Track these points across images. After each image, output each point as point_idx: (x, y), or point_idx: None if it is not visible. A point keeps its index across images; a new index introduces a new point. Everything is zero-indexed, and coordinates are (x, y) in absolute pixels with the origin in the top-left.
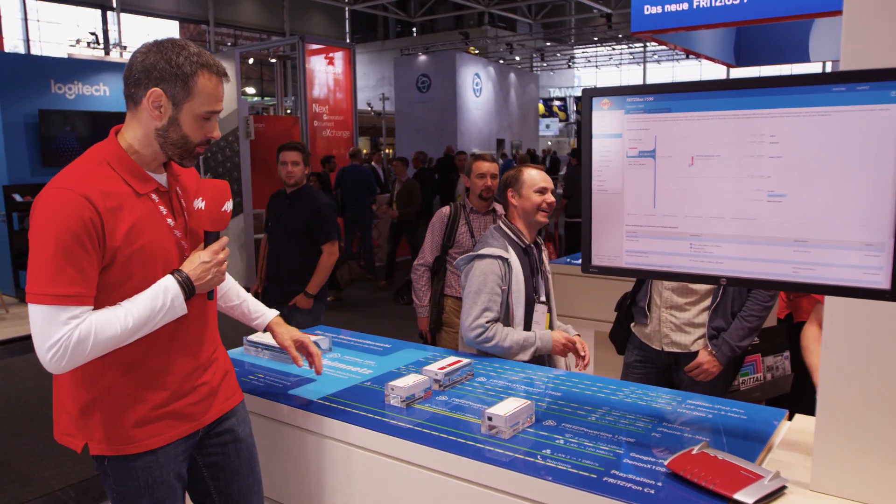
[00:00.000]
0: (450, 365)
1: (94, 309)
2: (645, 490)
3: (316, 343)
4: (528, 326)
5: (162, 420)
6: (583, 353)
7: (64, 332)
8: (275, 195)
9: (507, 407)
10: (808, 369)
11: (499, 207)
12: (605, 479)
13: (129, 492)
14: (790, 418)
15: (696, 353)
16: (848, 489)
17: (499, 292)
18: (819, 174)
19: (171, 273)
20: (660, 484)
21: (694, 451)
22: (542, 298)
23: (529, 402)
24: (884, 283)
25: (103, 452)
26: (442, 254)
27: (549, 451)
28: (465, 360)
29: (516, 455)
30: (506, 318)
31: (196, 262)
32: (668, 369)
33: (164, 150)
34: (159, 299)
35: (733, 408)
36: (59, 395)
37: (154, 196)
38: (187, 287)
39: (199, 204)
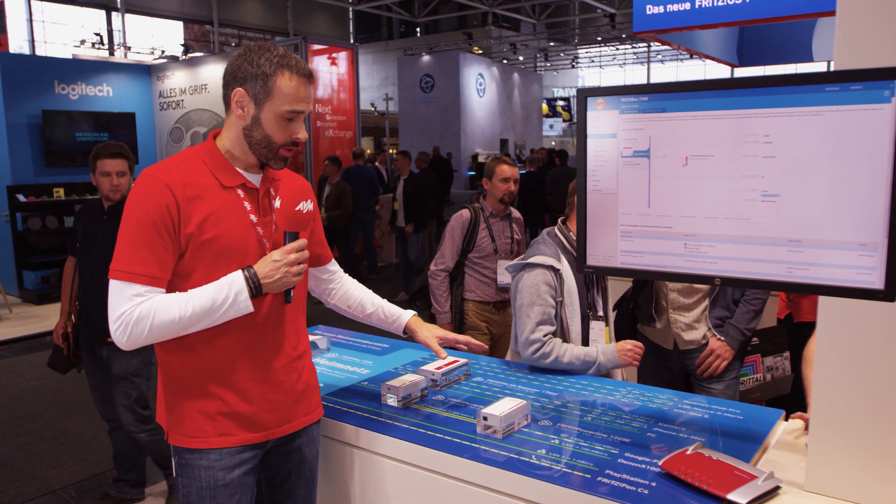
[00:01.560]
0: (446, 365)
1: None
2: (639, 490)
3: (314, 343)
4: (585, 343)
5: (228, 420)
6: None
7: (127, 308)
8: (84, 209)
9: (503, 407)
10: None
11: (514, 212)
12: (599, 479)
13: (191, 493)
14: (787, 419)
15: (705, 346)
16: (842, 490)
17: (552, 304)
18: (813, 174)
19: (243, 269)
20: (654, 484)
21: (688, 452)
22: (601, 313)
23: (525, 402)
24: (877, 283)
25: (174, 442)
26: (461, 258)
27: (543, 451)
28: (462, 360)
29: (511, 455)
30: (561, 334)
31: (268, 261)
32: (683, 367)
33: (252, 151)
34: (223, 292)
35: (729, 408)
36: (159, 377)
37: (240, 191)
38: (254, 284)
39: (276, 203)
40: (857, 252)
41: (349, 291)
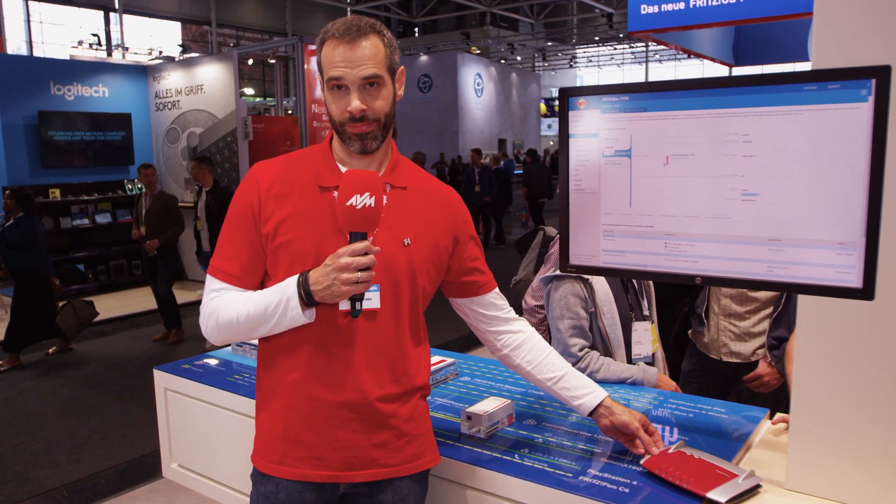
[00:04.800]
0: (433, 364)
1: None
2: (619, 489)
3: None
4: (628, 349)
5: (290, 447)
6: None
7: (206, 301)
8: None
9: (487, 406)
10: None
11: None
12: (580, 478)
13: None
14: (771, 417)
15: (756, 363)
16: (822, 488)
17: (585, 316)
18: (792, 173)
19: (301, 273)
20: (635, 483)
21: (670, 450)
22: (646, 313)
23: (510, 401)
24: (856, 281)
25: (252, 460)
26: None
27: (526, 450)
28: (449, 360)
29: (494, 454)
30: (601, 344)
31: (322, 265)
32: (727, 379)
33: (340, 139)
34: (276, 296)
35: (714, 407)
36: None
37: (336, 193)
38: (304, 290)
39: (335, 194)
40: (836, 251)
41: (531, 345)
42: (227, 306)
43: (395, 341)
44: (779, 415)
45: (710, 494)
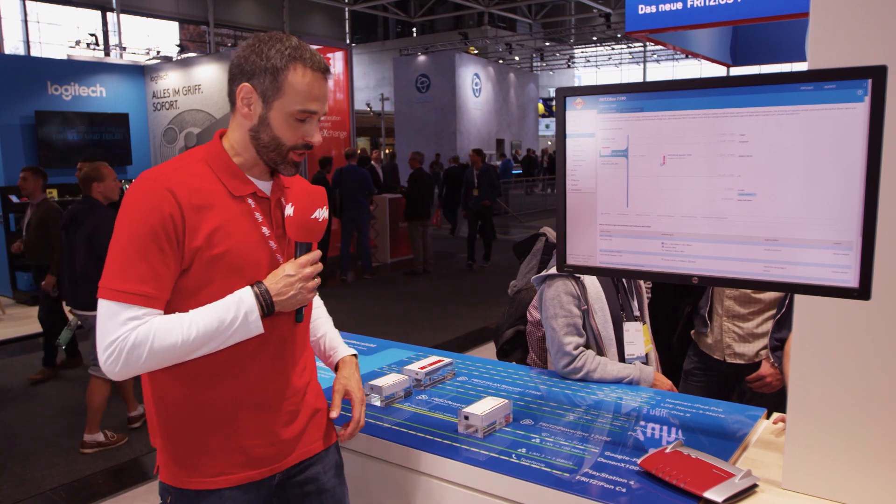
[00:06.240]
0: (430, 364)
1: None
2: (616, 489)
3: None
4: (620, 347)
5: (229, 456)
6: None
7: (121, 334)
8: None
9: (484, 406)
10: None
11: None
12: (577, 477)
13: None
14: (768, 416)
15: (759, 364)
16: (819, 487)
17: (578, 313)
18: (788, 173)
19: (251, 285)
20: (632, 483)
21: (667, 450)
22: (636, 314)
23: (507, 401)
24: (852, 281)
25: (168, 481)
26: None
27: (524, 450)
28: (447, 360)
29: (491, 454)
30: (594, 342)
31: (280, 276)
32: (729, 379)
33: (259, 155)
34: (231, 312)
35: (711, 406)
36: (147, 404)
37: (251, 200)
38: (265, 302)
39: (289, 210)
40: (833, 251)
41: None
42: (161, 333)
43: (306, 334)
44: (778, 414)
45: (707, 494)
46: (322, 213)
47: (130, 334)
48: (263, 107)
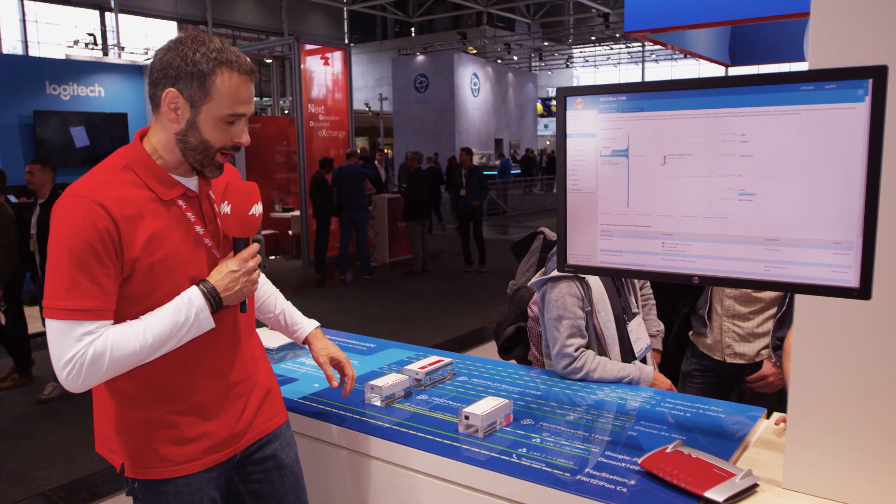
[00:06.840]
0: (430, 364)
1: (114, 322)
2: (617, 489)
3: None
4: (624, 344)
5: (194, 444)
6: None
7: (78, 350)
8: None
9: (484, 406)
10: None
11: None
12: (578, 477)
13: None
14: (768, 416)
15: (760, 364)
16: (819, 487)
17: (582, 315)
18: (789, 173)
19: (197, 284)
20: (632, 482)
21: (668, 450)
22: (635, 310)
23: (507, 401)
24: (853, 281)
25: (135, 475)
26: None
27: (524, 450)
28: (447, 360)
29: (491, 454)
30: (597, 342)
31: (224, 272)
32: (729, 379)
33: (186, 157)
34: (182, 313)
35: (711, 406)
36: (98, 407)
37: (181, 202)
38: (213, 299)
39: (226, 208)
40: (833, 250)
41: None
42: (118, 343)
43: (251, 321)
44: (779, 414)
45: (708, 494)
46: (257, 209)
47: (88, 349)
48: (191, 111)
